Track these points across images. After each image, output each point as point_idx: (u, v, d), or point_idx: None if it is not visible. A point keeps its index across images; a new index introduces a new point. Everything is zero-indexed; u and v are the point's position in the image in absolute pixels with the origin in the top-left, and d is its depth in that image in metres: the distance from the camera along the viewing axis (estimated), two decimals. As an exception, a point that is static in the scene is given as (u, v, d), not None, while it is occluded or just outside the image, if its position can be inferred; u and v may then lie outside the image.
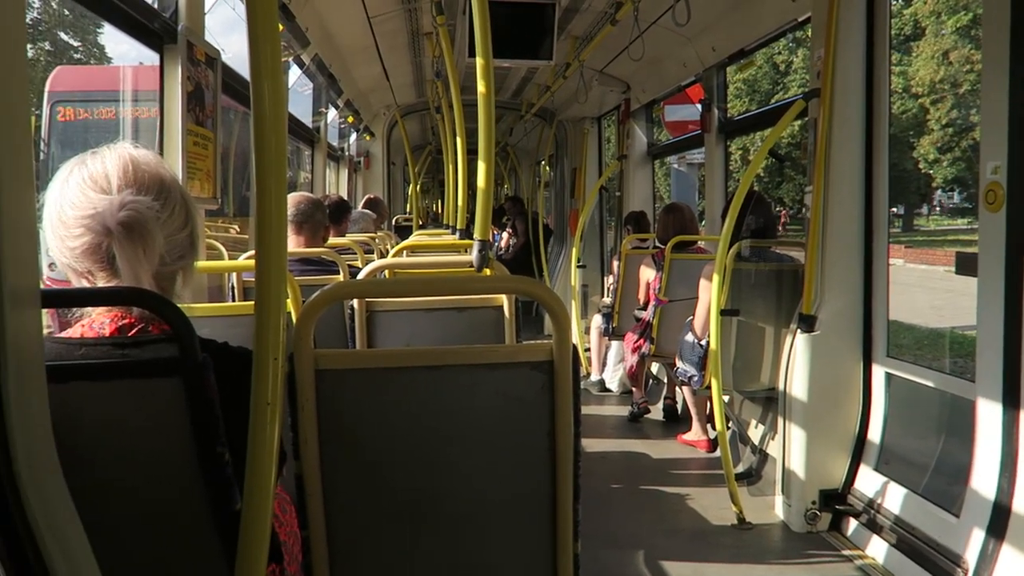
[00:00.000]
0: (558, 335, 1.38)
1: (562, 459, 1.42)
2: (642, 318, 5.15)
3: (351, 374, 1.39)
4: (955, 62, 24.13)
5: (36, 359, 0.96)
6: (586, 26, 5.41)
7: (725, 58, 5.08)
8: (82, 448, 1.12)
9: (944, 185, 27.68)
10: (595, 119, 8.37)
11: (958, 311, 10.98)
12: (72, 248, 1.27)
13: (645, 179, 7.32)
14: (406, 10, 5.10)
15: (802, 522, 3.40)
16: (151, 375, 1.18)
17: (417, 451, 1.43)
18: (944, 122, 24.64)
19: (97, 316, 1.29)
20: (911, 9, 25.55)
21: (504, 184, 14.88)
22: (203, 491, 1.20)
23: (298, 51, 4.73)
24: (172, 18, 2.70)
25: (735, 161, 24.71)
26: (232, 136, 6.98)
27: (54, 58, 19.81)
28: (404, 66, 6.76)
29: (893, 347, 3.45)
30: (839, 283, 3.43)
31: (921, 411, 3.65)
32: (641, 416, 5.29)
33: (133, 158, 1.33)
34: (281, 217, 1.05)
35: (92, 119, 7.43)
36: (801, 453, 3.41)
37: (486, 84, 2.33)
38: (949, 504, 2.86)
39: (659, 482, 4.13)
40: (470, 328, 2.55)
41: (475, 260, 2.48)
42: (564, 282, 8.25)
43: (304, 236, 3.28)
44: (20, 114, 0.91)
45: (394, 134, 8.67)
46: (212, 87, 2.92)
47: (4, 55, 0.87)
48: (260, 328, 1.06)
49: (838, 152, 3.38)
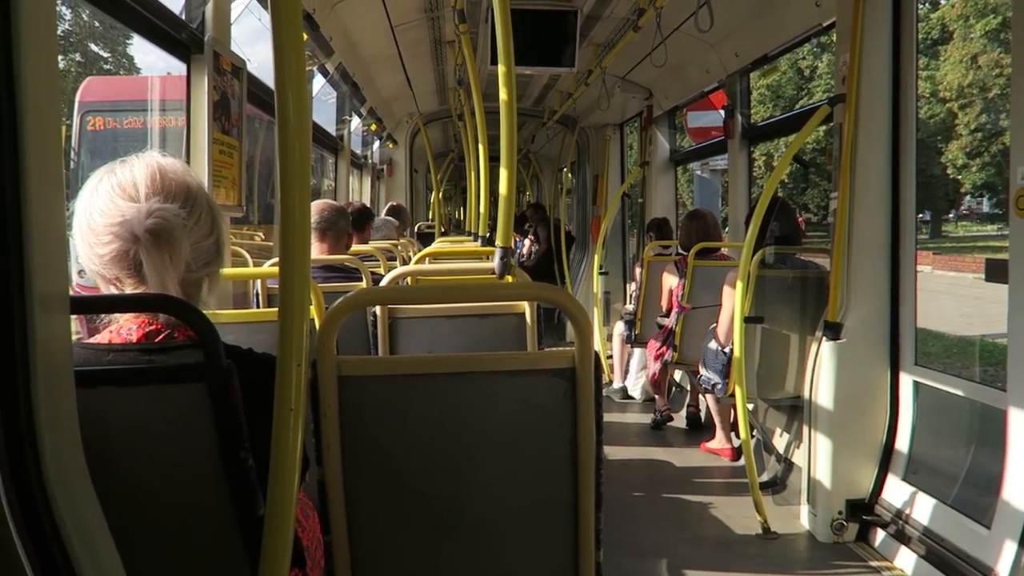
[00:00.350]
0: (580, 342, 1.38)
1: (584, 466, 1.41)
2: (665, 325, 5.12)
3: (373, 380, 1.40)
4: (984, 66, 23.78)
5: (65, 364, 0.98)
6: (608, 33, 5.41)
7: (748, 64, 5.05)
8: (108, 452, 1.14)
9: (973, 190, 27.24)
10: (617, 126, 8.35)
11: (988, 319, 10.80)
12: (101, 255, 1.29)
13: (668, 186, 7.29)
14: (429, 19, 5.14)
15: (828, 532, 3.36)
16: (177, 381, 1.20)
17: (439, 458, 1.43)
18: (973, 127, 24.27)
19: (125, 322, 1.31)
20: (938, 13, 25.23)
21: (526, 191, 14.90)
22: (227, 496, 1.21)
23: (322, 60, 4.77)
24: (199, 29, 2.74)
25: (759, 167, 24.53)
26: (257, 144, 7.06)
27: (84, 69, 20.18)
28: (427, 74, 6.80)
29: (921, 355, 3.40)
30: (865, 290, 3.39)
31: (949, 420, 3.59)
32: (664, 424, 5.25)
33: (161, 167, 1.35)
34: (305, 224, 1.06)
35: (121, 128, 7.55)
36: (827, 462, 3.37)
37: (508, 92, 2.34)
38: (980, 515, 2.81)
39: (682, 490, 4.09)
40: (492, 335, 2.55)
41: (497, 267, 2.48)
42: (586, 289, 8.23)
43: (327, 243, 3.30)
44: (51, 124, 0.93)
45: (417, 142, 8.72)
46: (238, 96, 2.96)
47: (37, 67, 0.89)
48: (284, 334, 1.06)
49: (864, 157, 3.35)
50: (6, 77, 0.86)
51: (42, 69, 0.91)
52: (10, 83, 0.87)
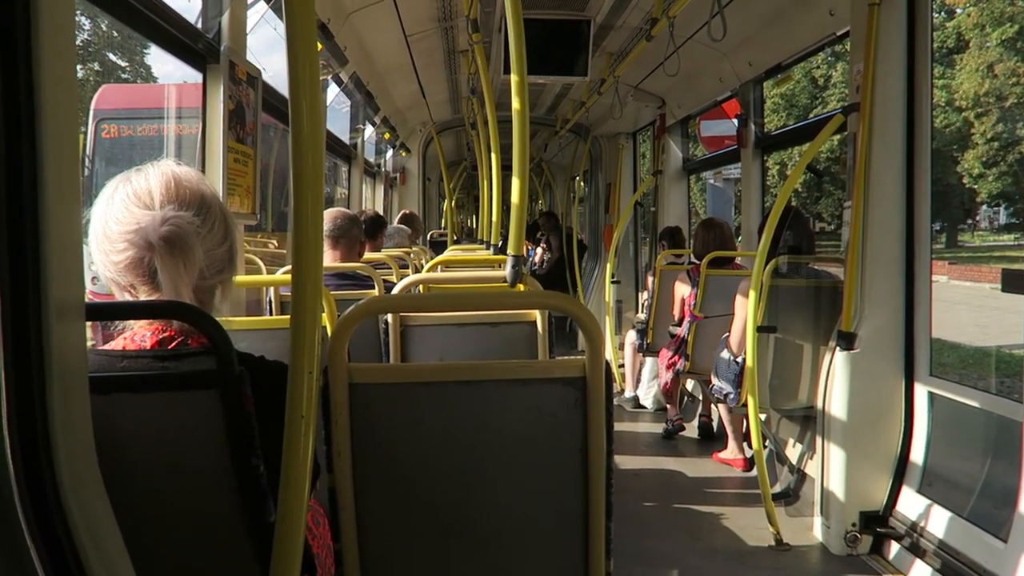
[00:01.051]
0: (591, 351, 1.38)
1: (595, 476, 1.41)
2: (677, 334, 5.10)
3: (384, 388, 1.40)
4: (1001, 75, 23.63)
5: (80, 370, 0.99)
6: (621, 42, 5.42)
7: (762, 73, 5.04)
8: (121, 458, 1.15)
9: (989, 200, 27.02)
10: (630, 134, 8.35)
11: (1005, 329, 10.69)
12: (116, 262, 1.30)
13: (680, 194, 7.28)
14: (442, 28, 5.17)
15: (842, 544, 3.32)
16: (189, 387, 1.20)
17: (449, 466, 1.43)
18: (989, 136, 24.09)
19: (139, 329, 1.32)
20: (954, 22, 25.10)
21: (539, 199, 14.91)
22: (238, 502, 1.22)
23: (336, 69, 4.80)
24: (215, 39, 2.77)
25: (772, 176, 24.44)
26: (272, 152, 7.11)
27: (102, 78, 20.41)
28: (440, 83, 6.83)
29: (936, 366, 3.37)
30: (880, 300, 3.36)
31: (965, 432, 3.55)
32: (676, 433, 5.22)
33: (176, 175, 1.36)
34: (318, 233, 1.07)
35: (136, 136, 7.62)
36: (841, 473, 3.34)
37: (521, 101, 2.34)
38: (996, 529, 2.77)
39: (694, 501, 4.06)
40: (503, 343, 2.55)
41: (509, 275, 2.48)
42: (598, 298, 8.22)
43: (340, 251, 3.32)
44: (69, 133, 0.94)
45: (430, 150, 8.75)
46: (253, 105, 2.99)
47: (55, 77, 0.90)
48: (296, 342, 1.07)
49: (878, 167, 3.33)
50: (26, 87, 0.88)
51: (60, 79, 0.92)
52: (30, 93, 0.88)
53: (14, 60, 0.87)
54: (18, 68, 0.87)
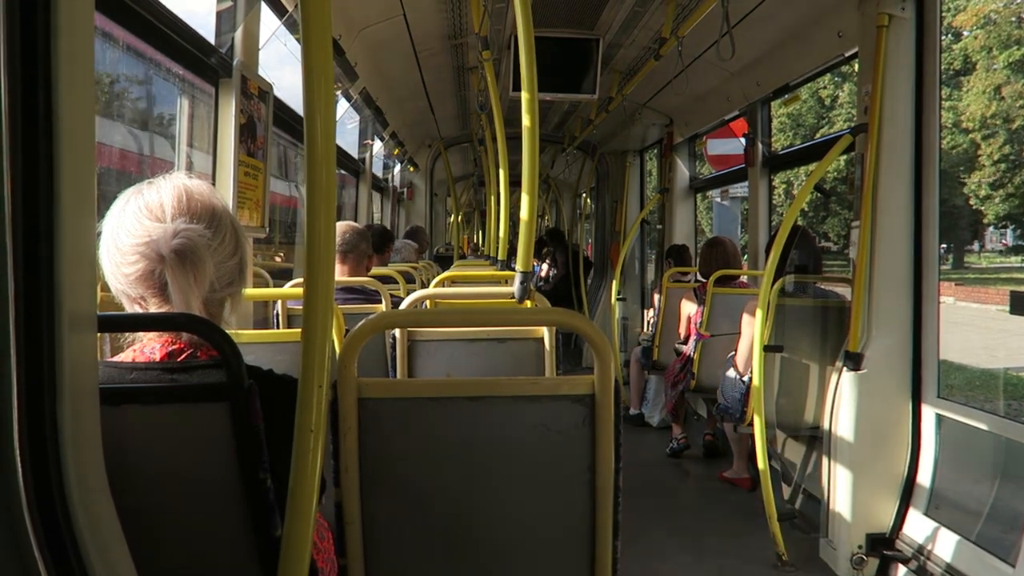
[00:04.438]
0: (600, 369, 1.38)
1: (602, 494, 1.41)
2: (683, 352, 5.09)
3: (393, 403, 1.40)
4: (1008, 97, 23.67)
5: (91, 382, 0.99)
6: (630, 61, 5.44)
7: (770, 93, 5.06)
8: (129, 470, 1.15)
9: (996, 222, 26.98)
10: (637, 152, 8.37)
11: (1012, 351, 10.64)
12: (127, 274, 1.31)
13: (687, 213, 7.28)
14: (452, 45, 5.20)
15: (848, 566, 3.29)
16: (199, 400, 1.21)
17: (456, 481, 1.43)
18: (996, 157, 24.10)
19: (148, 341, 1.32)
20: (961, 44, 25.19)
21: (545, 216, 14.93)
22: (245, 516, 1.21)
23: (346, 85, 4.84)
24: (228, 54, 2.79)
25: (778, 195, 24.47)
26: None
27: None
28: (449, 100, 6.87)
29: (943, 387, 3.35)
30: (887, 321, 3.35)
31: (973, 454, 3.52)
32: (681, 452, 5.20)
33: (187, 188, 1.37)
34: (330, 248, 1.07)
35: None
36: (847, 494, 3.31)
37: (531, 118, 2.35)
38: (1004, 553, 2.74)
39: (699, 520, 4.04)
40: (510, 359, 2.55)
41: (517, 291, 2.48)
42: (604, 315, 8.21)
43: (348, 265, 3.33)
44: (85, 146, 0.95)
45: (437, 166, 8.79)
46: (263, 119, 3.01)
47: (73, 90, 0.91)
48: (307, 356, 1.07)
49: (886, 187, 3.33)
50: (45, 102, 0.89)
51: (78, 93, 0.93)
52: (48, 107, 0.89)
53: (33, 75, 0.88)
54: (37, 83, 0.88)
